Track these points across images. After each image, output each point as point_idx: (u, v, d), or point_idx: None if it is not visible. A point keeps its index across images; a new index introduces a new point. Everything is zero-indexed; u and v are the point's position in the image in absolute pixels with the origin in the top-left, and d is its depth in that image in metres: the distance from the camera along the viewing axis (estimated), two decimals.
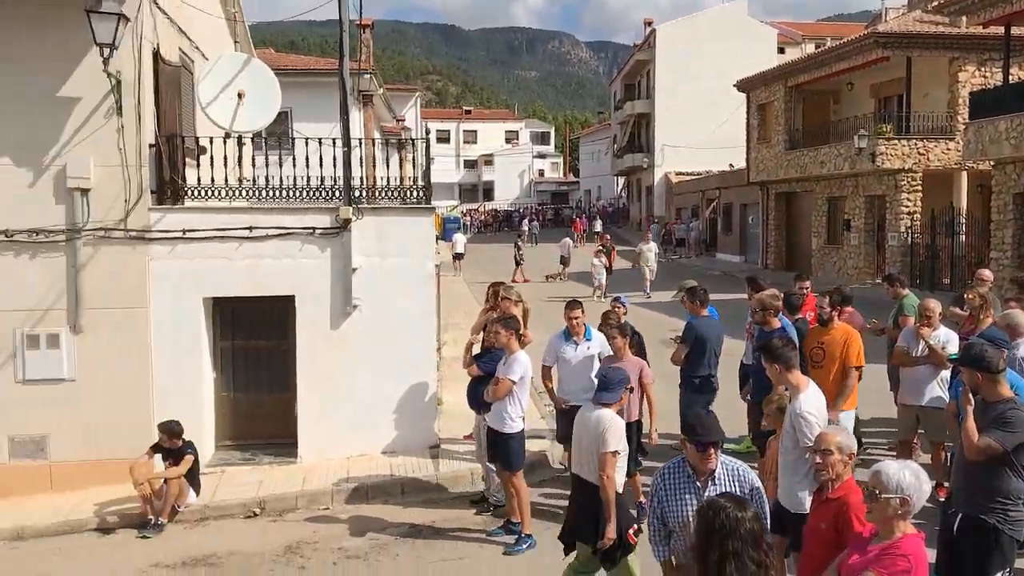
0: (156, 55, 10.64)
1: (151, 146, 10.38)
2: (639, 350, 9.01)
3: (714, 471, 4.82)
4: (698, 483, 4.81)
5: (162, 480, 9.32)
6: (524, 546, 8.05)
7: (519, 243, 34.56)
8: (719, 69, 45.43)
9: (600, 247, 28.01)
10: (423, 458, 10.65)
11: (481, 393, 8.81)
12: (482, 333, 9.84)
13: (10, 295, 10.08)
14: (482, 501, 9.33)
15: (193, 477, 9.57)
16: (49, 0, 9.89)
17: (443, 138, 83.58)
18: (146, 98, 10.27)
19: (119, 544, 8.98)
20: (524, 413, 8.35)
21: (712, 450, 4.78)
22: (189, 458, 9.48)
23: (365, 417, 10.79)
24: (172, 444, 9.50)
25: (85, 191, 10.08)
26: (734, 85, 36.98)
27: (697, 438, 4.79)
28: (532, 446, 9.58)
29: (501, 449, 8.23)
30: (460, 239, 35.40)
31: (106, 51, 9.50)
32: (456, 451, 10.86)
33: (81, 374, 10.27)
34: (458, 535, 8.61)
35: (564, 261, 32.25)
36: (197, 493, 9.58)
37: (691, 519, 4.46)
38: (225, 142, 11.11)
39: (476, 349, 9.70)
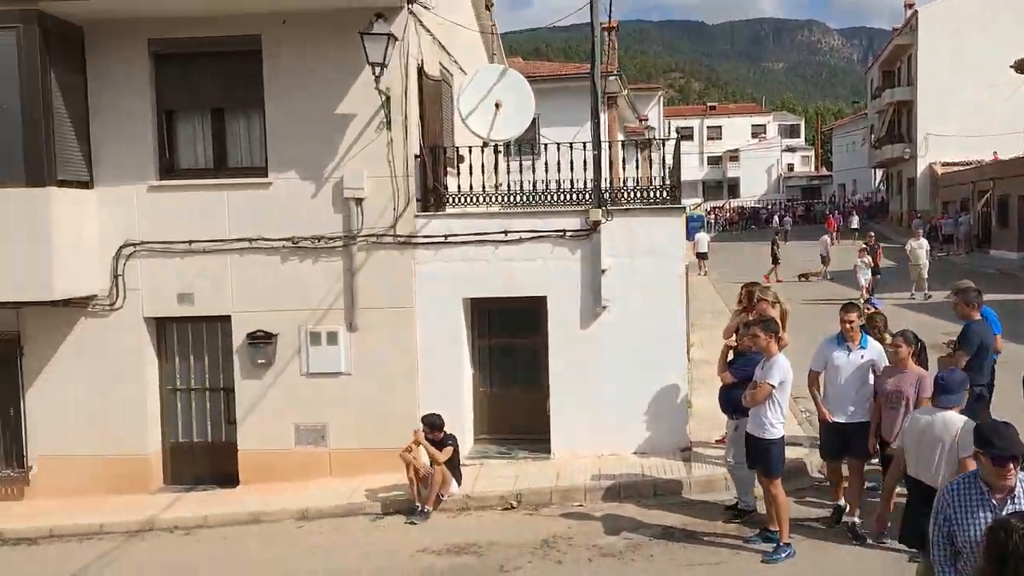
0: (420, 71, 11.33)
1: (416, 157, 11.06)
2: (919, 359, 8.38)
3: (1013, 488, 4.44)
4: (994, 500, 4.45)
5: (427, 467, 9.88)
6: (783, 555, 7.80)
7: (776, 240, 33.26)
8: (992, 50, 41.55)
9: (864, 245, 26.35)
10: (674, 460, 10.60)
11: (734, 396, 8.63)
12: (734, 336, 9.63)
13: (296, 296, 11.11)
14: (734, 507, 9.12)
15: (455, 468, 10.08)
16: (325, 26, 10.78)
17: (686, 135, 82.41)
18: (412, 112, 10.96)
19: (390, 528, 9.64)
20: (784, 419, 8.08)
21: (1012, 465, 4.40)
22: (449, 449, 9.98)
23: (615, 417, 10.90)
24: (434, 436, 10.03)
25: (359, 200, 10.91)
26: (1011, 66, 33.72)
27: (996, 452, 4.42)
28: (789, 453, 9.25)
29: (761, 455, 7.99)
30: (703, 238, 34.75)
31: (377, 70, 10.25)
32: (708, 455, 10.71)
33: (356, 368, 11.14)
34: (712, 540, 8.49)
35: (824, 260, 30.62)
36: (459, 483, 10.09)
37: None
38: (483, 151, 11.62)
39: (731, 356, 9.50)
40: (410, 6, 10.82)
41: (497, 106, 11.50)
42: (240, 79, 11.12)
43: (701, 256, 33.27)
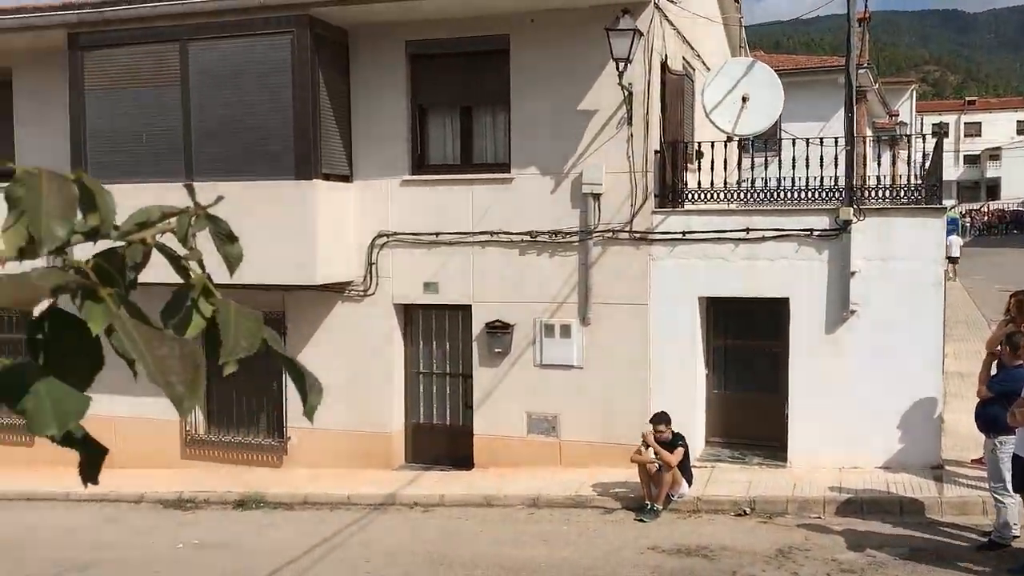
0: (663, 65, 11.25)
1: (656, 152, 10.99)
2: None
3: None
4: None
5: (657, 467, 9.80)
6: None
7: None
8: None
9: None
10: (924, 478, 9.90)
11: (991, 413, 7.94)
12: (998, 347, 8.85)
13: (533, 288, 11.37)
14: (988, 536, 8.35)
15: (685, 469, 9.93)
16: (570, 23, 10.94)
17: (941, 131, 76.50)
18: (654, 107, 10.90)
19: (618, 523, 9.66)
20: None
21: None
22: (680, 450, 9.84)
23: (859, 428, 10.32)
24: (660, 435, 9.90)
25: (597, 196, 10.99)
26: None
27: None
28: None
29: None
30: (955, 241, 32.31)
31: (621, 65, 10.27)
32: (962, 475, 9.92)
33: (588, 362, 11.24)
34: (967, 567, 7.86)
35: None
36: (690, 484, 9.93)
37: None
38: (726, 146, 11.37)
39: (994, 368, 8.74)
40: (656, 0, 10.76)
41: (744, 100, 11.20)
42: (488, 78, 11.51)
43: (952, 260, 30.90)
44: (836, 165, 10.80)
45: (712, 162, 11.24)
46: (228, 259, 1.01)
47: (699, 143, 11.87)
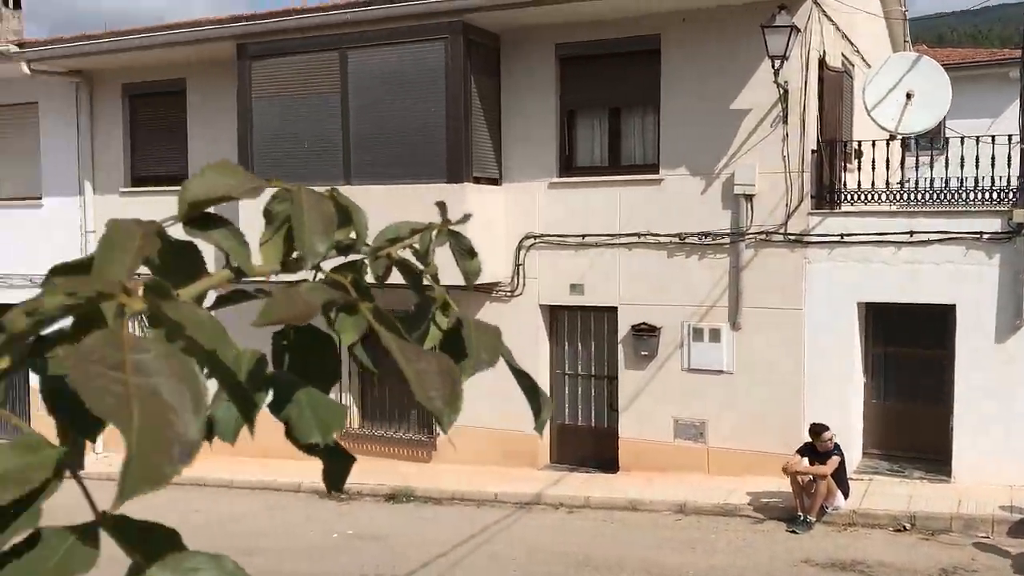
0: (821, 62, 10.88)
1: (812, 152, 10.63)
2: None
3: None
4: None
5: (810, 477, 9.49)
6: None
7: None
8: None
9: None
10: None
11: None
12: None
13: (680, 291, 11.21)
14: None
15: (841, 480, 9.58)
16: (723, 21, 10.72)
17: None
18: (810, 105, 10.56)
19: (769, 534, 9.41)
20: None
21: None
22: (835, 459, 9.50)
23: None
24: (822, 445, 9.61)
25: (749, 197, 10.73)
26: None
27: None
28: None
29: None
30: None
31: (777, 63, 9.99)
32: None
33: (738, 368, 10.99)
34: None
35: None
36: (846, 497, 9.57)
37: None
38: (888, 145, 10.89)
39: None
40: None
41: (908, 96, 10.69)
42: (637, 78, 11.42)
43: None
44: (1008, 164, 10.17)
45: (872, 161, 10.79)
46: (467, 274, 1.05)
47: (858, 142, 11.41)
